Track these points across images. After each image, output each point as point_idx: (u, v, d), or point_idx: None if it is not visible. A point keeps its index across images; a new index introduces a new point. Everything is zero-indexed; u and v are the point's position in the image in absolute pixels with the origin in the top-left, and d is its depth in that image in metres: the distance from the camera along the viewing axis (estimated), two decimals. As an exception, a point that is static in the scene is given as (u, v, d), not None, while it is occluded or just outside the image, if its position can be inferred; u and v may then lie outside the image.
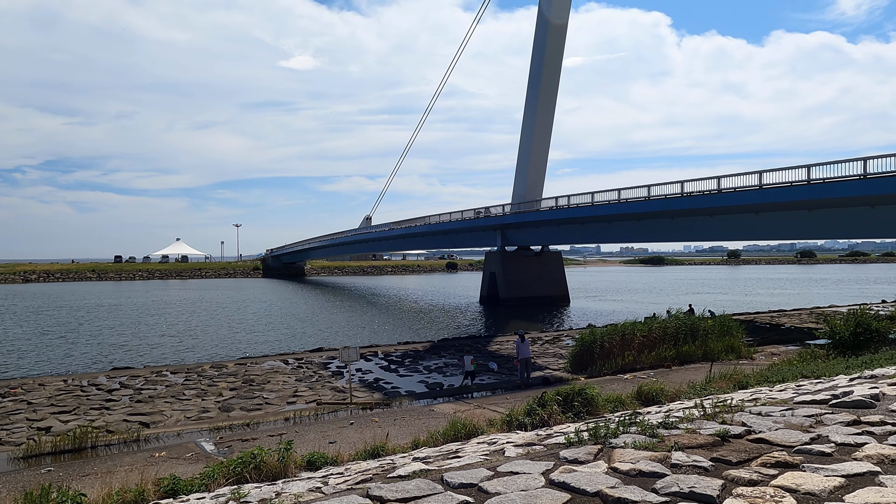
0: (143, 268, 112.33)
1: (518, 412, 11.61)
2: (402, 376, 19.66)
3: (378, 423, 12.99)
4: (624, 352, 19.33)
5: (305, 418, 13.94)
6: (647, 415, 9.62)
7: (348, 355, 15.26)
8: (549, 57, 48.21)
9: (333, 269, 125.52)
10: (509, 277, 50.68)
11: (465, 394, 16.33)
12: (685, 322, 21.14)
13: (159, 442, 12.24)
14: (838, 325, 17.98)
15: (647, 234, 38.67)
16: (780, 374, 14.19)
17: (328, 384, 18.22)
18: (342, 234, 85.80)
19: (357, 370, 20.44)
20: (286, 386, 17.91)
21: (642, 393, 13.34)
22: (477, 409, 14.43)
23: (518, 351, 17.22)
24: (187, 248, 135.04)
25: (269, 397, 16.42)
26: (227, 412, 14.88)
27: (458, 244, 61.62)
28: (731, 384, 14.30)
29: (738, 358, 21.07)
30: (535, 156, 50.09)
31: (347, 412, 14.61)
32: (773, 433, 4.86)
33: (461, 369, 17.78)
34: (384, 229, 71.08)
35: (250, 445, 11.47)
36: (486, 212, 51.68)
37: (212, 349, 27.80)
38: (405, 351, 24.70)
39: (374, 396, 16.48)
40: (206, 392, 17.09)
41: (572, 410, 11.60)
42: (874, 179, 24.46)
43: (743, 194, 30.09)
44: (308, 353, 24.70)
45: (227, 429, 13.01)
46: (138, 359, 25.12)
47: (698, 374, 18.44)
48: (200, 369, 20.72)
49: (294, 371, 20.40)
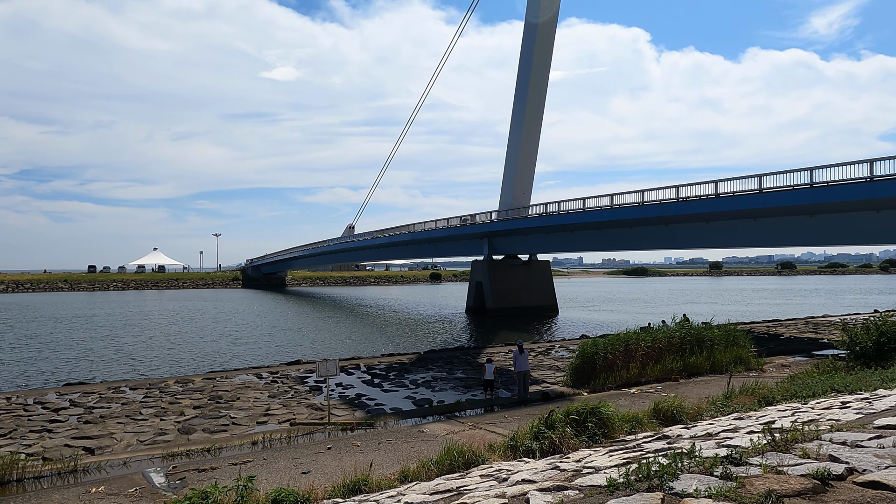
0: (117, 278, 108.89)
1: (523, 435, 10.00)
2: (386, 391, 17.93)
3: (360, 448, 11.27)
4: (628, 364, 17.83)
5: (276, 442, 12.16)
6: (678, 438, 8.05)
7: (326, 369, 13.53)
8: (537, 61, 47.14)
9: (315, 280, 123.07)
10: (497, 287, 49.15)
11: (457, 411, 14.66)
12: (691, 332, 19.73)
13: (101, 472, 10.39)
14: (859, 334, 16.67)
15: (641, 242, 37.40)
16: (808, 387, 12.74)
17: (304, 401, 16.42)
18: (324, 244, 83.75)
19: (337, 384, 18.68)
20: (257, 403, 16.08)
21: (660, 410, 11.80)
22: (472, 429, 12.77)
23: (515, 363, 15.63)
24: (164, 259, 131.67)
25: (237, 416, 14.59)
26: (186, 434, 13.05)
27: (443, 253, 60.00)
28: (755, 399, 12.84)
29: (747, 370, 19.72)
30: (522, 163, 48.80)
31: (325, 434, 12.87)
32: (886, 473, 3.65)
33: (481, 377, 16.25)
34: (367, 238, 69.27)
35: (207, 477, 9.69)
36: (472, 219, 50.18)
37: (180, 362, 25.77)
38: (390, 363, 22.96)
39: (356, 415, 14.74)
40: (165, 411, 15.21)
41: (586, 432, 10.03)
42: (882, 182, 23.40)
43: (741, 199, 28.95)
44: (284, 366, 22.84)
45: (183, 455, 11.19)
46: (99, 373, 23.05)
47: (710, 388, 16.98)
48: (164, 384, 18.79)
49: (268, 386, 18.55)
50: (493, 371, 15.79)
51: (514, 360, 15.81)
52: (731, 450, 5.92)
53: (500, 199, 50.73)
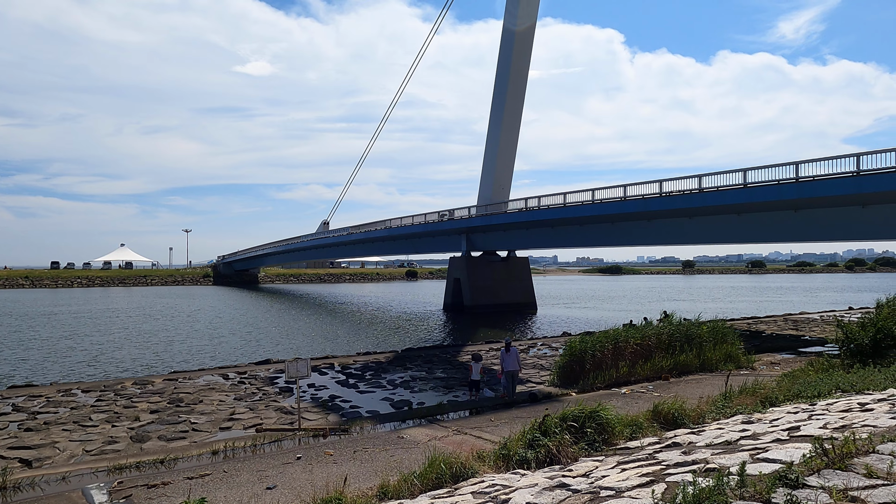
0: (82, 275, 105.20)
1: (515, 441, 8.99)
2: (362, 392, 16.79)
3: (333, 457, 10.15)
4: (617, 362, 16.98)
5: (240, 451, 10.96)
6: (692, 447, 7.13)
7: (297, 369, 12.35)
8: (517, 52, 46.28)
9: (289, 277, 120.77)
10: (475, 284, 48.21)
11: (440, 414, 13.61)
12: (680, 329, 18.99)
13: (34, 490, 9.09)
14: (856, 331, 16.08)
15: (623, 238, 36.77)
16: (812, 387, 12.00)
17: (273, 403, 15.20)
18: (298, 240, 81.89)
19: (309, 385, 17.47)
20: (221, 407, 14.80)
21: (660, 413, 10.90)
22: (457, 434, 11.73)
23: (503, 362, 14.64)
24: (132, 255, 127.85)
25: (197, 422, 13.31)
26: (139, 443, 11.75)
27: (420, 249, 58.86)
28: (757, 400, 12.05)
29: (737, 368, 19.07)
30: (501, 157, 47.91)
31: (295, 441, 11.69)
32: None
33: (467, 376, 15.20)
34: (343, 234, 67.75)
35: (157, 494, 8.47)
36: (450, 214, 49.15)
37: (141, 362, 24.22)
38: (365, 362, 21.80)
39: (329, 419, 13.58)
40: (119, 416, 13.85)
41: (584, 439, 9.06)
42: (869, 177, 23.01)
43: (725, 194, 28.45)
44: (253, 365, 21.51)
45: (132, 468, 9.92)
46: (51, 374, 21.43)
47: (704, 388, 16.23)
48: (120, 386, 17.35)
49: (234, 388, 17.25)
50: (480, 370, 14.80)
51: (500, 359, 14.84)
52: (775, 465, 4.97)
53: (478, 194, 49.80)
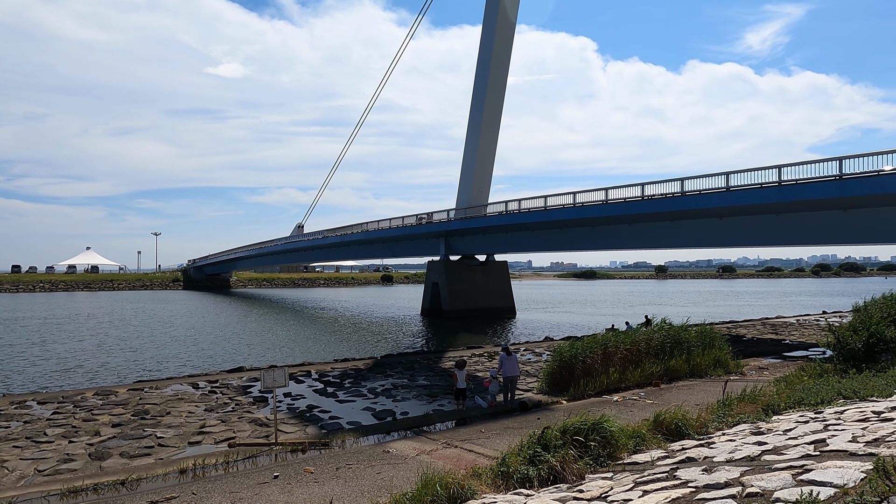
0: (45, 279, 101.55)
1: (514, 457, 8.25)
2: (342, 402, 15.92)
3: (314, 476, 9.30)
4: (608, 368, 16.41)
5: (211, 468, 10.02)
6: (713, 463, 6.49)
7: (273, 379, 11.45)
8: (497, 51, 45.87)
9: (262, 282, 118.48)
10: (453, 288, 47.49)
11: (426, 425, 12.83)
12: (670, 333, 18.54)
13: (-25, 518, 8.06)
14: (848, 335, 15.79)
15: (604, 242, 36.47)
16: (814, 394, 11.54)
17: (248, 415, 14.24)
18: (272, 243, 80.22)
19: (286, 395, 16.53)
20: (191, 419, 13.79)
21: (661, 423, 10.27)
22: (446, 447, 10.97)
23: (502, 367, 14.05)
24: (98, 258, 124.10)
25: (164, 436, 12.30)
26: (99, 461, 10.72)
27: (398, 253, 57.94)
28: (757, 408, 11.53)
29: (726, 373, 18.70)
30: (481, 160, 47.36)
31: (271, 456, 10.79)
32: None
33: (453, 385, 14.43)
34: (318, 237, 66.44)
35: (116, 523, 7.54)
36: (429, 218, 48.38)
37: (104, 371, 22.90)
38: (344, 370, 20.90)
39: (308, 431, 12.70)
40: (77, 430, 12.75)
41: (588, 453, 8.39)
42: (852, 180, 22.98)
43: (708, 197, 28.28)
44: (225, 373, 20.42)
45: (89, 490, 8.93)
46: (3, 384, 20.03)
47: (696, 394, 15.76)
48: (80, 397, 16.17)
49: (205, 398, 16.21)
50: (466, 378, 14.09)
51: (500, 364, 14.27)
52: (827, 489, 4.34)
53: (457, 198, 49.14)
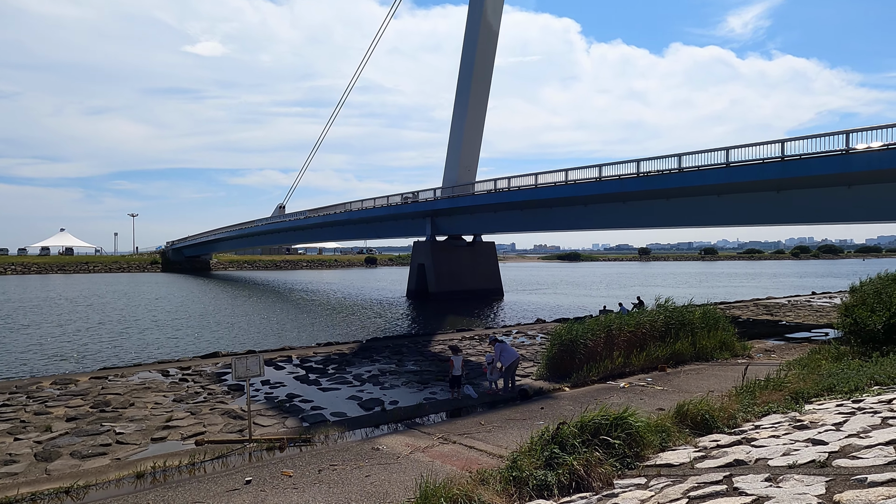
0: (16, 261, 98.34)
1: (526, 458, 7.03)
2: (325, 390, 14.64)
3: (293, 480, 8.04)
4: (611, 352, 15.33)
5: (173, 471, 8.70)
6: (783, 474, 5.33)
7: (247, 368, 10.11)
8: (484, 31, 44.18)
9: (243, 264, 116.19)
10: (440, 269, 46.25)
11: (419, 417, 11.60)
12: (674, 315, 17.51)
13: None
14: (865, 315, 14.84)
15: (596, 221, 35.34)
16: (846, 380, 10.48)
17: (220, 406, 12.90)
18: (253, 224, 78.14)
19: (264, 382, 15.20)
20: (157, 411, 12.42)
21: (686, 414, 9.13)
22: (443, 443, 9.76)
23: (502, 354, 12.92)
24: (73, 240, 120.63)
25: (125, 431, 10.93)
26: (46, 462, 9.35)
27: (382, 234, 56.44)
28: (785, 395, 10.45)
29: (733, 356, 17.76)
30: (468, 137, 45.85)
31: (244, 456, 9.49)
32: None
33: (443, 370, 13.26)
34: (300, 217, 64.63)
35: (49, 546, 6.20)
36: (415, 197, 46.91)
37: (67, 357, 21.34)
38: (327, 354, 19.60)
39: (287, 424, 11.40)
40: (26, 425, 11.32)
41: (613, 454, 7.20)
42: (857, 155, 22.01)
43: (705, 174, 27.23)
44: (199, 359, 19.00)
45: (25, 501, 7.58)
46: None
47: (706, 380, 14.73)
48: (35, 387, 14.69)
49: (174, 387, 14.83)
50: (462, 364, 12.90)
51: (500, 352, 13.15)
52: None
53: (444, 176, 47.68)
